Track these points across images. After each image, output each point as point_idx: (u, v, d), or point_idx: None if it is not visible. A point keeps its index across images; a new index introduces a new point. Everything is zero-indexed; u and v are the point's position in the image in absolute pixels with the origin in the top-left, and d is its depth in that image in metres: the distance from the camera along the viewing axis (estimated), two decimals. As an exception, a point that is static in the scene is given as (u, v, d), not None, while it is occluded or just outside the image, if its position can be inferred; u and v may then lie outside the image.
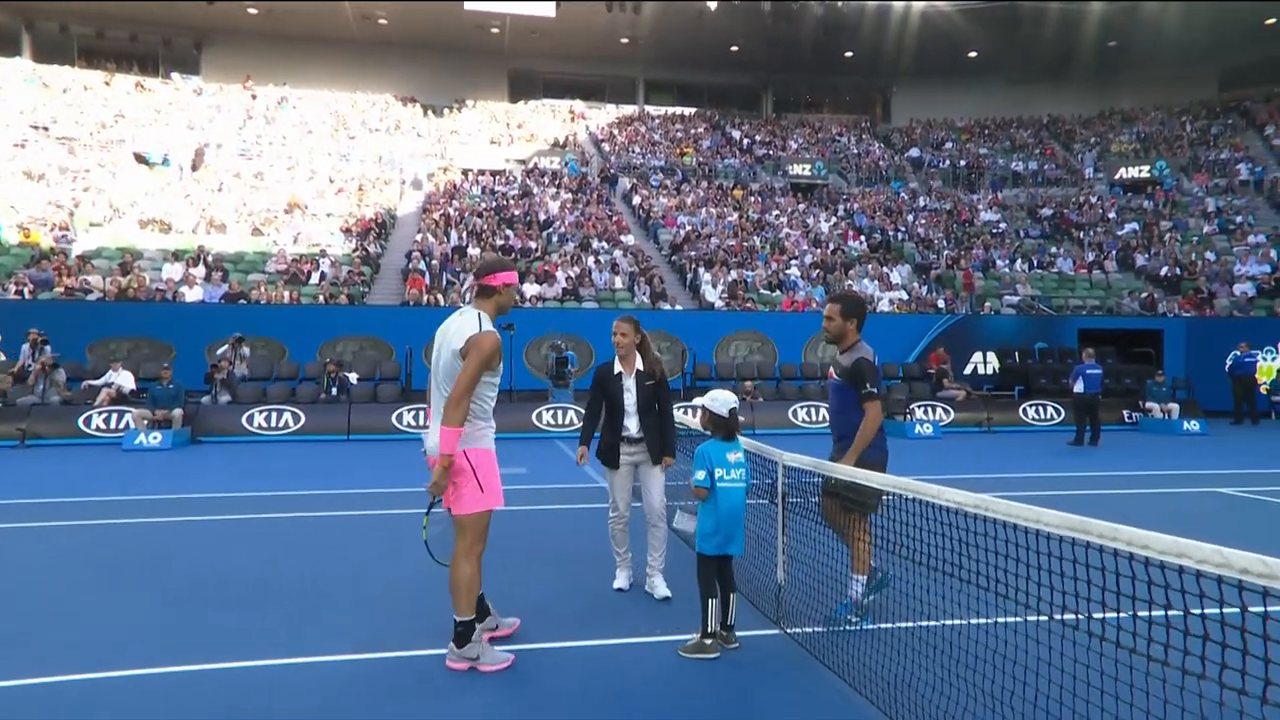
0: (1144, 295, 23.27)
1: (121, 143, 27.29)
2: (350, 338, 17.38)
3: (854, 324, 4.85)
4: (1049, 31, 35.12)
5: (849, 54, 38.35)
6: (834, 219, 28.70)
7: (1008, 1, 33.09)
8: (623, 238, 24.73)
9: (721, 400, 4.37)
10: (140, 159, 26.42)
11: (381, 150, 30.78)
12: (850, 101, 42.71)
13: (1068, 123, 38.34)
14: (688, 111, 40.27)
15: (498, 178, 28.92)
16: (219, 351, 15.82)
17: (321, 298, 18.45)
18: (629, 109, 39.68)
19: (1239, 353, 19.23)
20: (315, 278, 19.65)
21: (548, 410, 15.58)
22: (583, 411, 15.97)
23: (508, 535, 6.76)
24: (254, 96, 33.79)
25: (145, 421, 13.70)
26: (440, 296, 19.07)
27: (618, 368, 5.09)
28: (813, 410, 16.67)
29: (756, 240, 25.32)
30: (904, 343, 20.37)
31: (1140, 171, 32.55)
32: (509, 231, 23.60)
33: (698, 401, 4.58)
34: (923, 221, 28.79)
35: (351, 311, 18.01)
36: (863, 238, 27.09)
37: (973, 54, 37.73)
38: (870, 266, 24.06)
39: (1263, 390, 19.90)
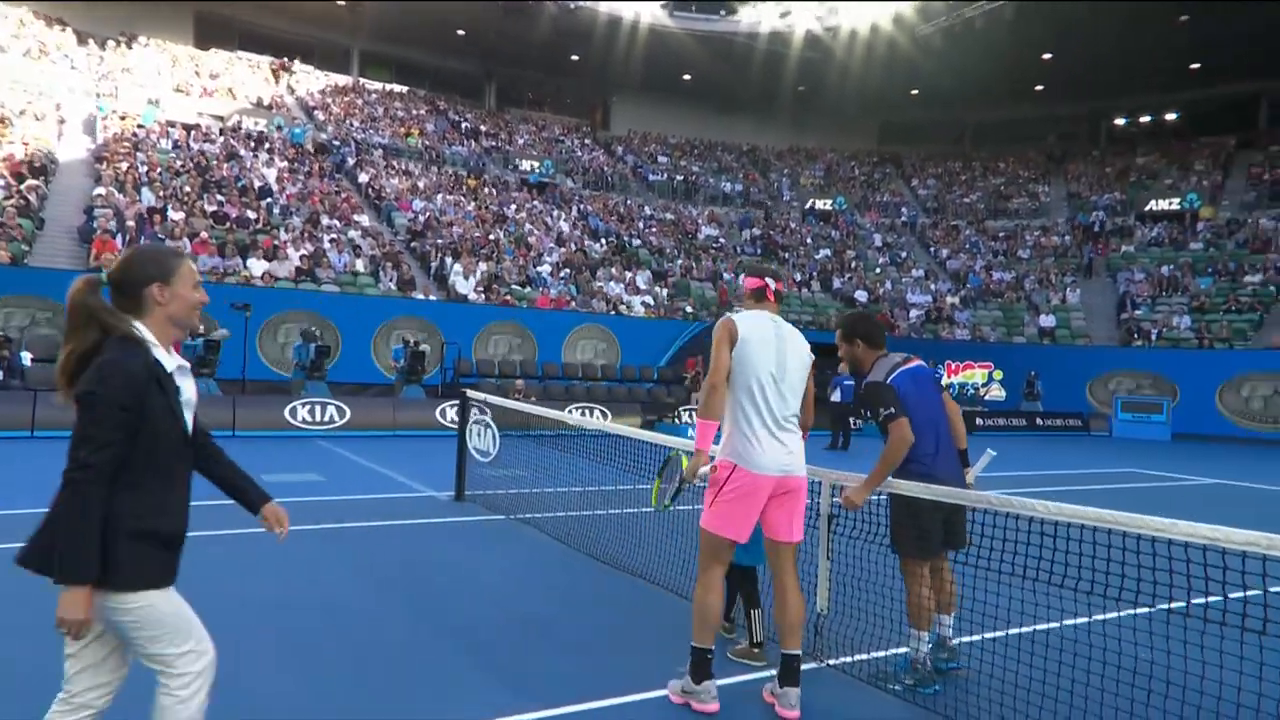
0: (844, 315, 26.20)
1: None
2: (17, 306, 13.36)
3: (860, 345, 4.09)
4: (754, 68, 38.33)
5: (576, 57, 38.60)
6: (570, 219, 28.54)
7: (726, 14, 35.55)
8: (356, 217, 22.26)
9: None
10: None
11: (19, 75, 24.57)
12: (572, 105, 43.05)
13: (764, 152, 42.25)
14: (406, 90, 37.69)
15: (193, 133, 24.52)
16: None
17: (-36, 254, 14.03)
18: (343, 79, 36.12)
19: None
20: (-51, 227, 14.94)
21: (303, 405, 13.24)
22: (342, 406, 13.91)
23: (354, 559, 5.32)
24: None
25: None
26: (140, 264, 15.47)
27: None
28: (588, 411, 16.15)
29: (501, 233, 24.27)
30: (656, 346, 20.72)
31: (825, 204, 36.83)
32: (220, 197, 20.04)
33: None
34: (653, 229, 29.74)
35: (16, 274, 13.89)
36: (601, 240, 27.25)
37: (687, 77, 40.00)
38: (614, 269, 24.23)
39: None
